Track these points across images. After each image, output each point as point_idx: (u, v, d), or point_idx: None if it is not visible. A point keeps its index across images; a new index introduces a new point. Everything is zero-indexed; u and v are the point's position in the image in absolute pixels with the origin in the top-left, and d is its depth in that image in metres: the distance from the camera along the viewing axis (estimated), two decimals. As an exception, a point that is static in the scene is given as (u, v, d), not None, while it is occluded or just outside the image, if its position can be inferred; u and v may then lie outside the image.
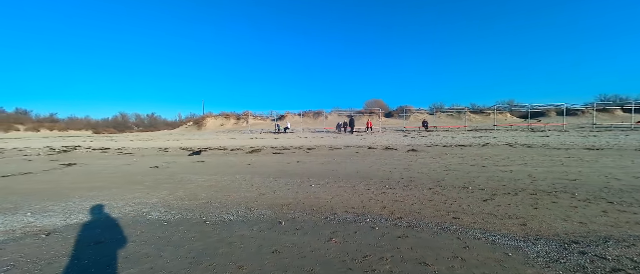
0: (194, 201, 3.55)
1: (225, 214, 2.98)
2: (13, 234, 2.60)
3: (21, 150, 13.02)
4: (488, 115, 32.22)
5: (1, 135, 31.79)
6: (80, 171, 6.25)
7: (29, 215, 3.17)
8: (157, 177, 5.26)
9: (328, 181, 4.44)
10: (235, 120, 34.78)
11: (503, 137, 12.99)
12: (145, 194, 3.99)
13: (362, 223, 2.56)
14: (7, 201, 3.80)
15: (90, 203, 3.55)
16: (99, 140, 20.25)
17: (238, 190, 4.04)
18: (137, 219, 2.89)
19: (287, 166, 6.12)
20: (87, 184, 4.77)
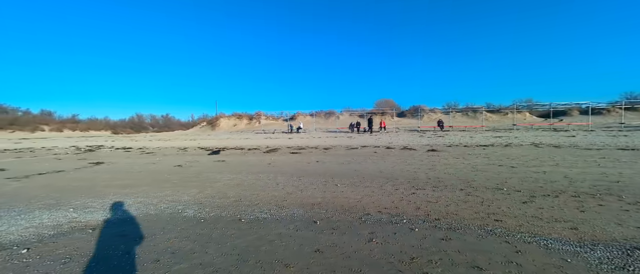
0: (224, 199, 3.60)
1: (258, 212, 3.00)
2: (61, 228, 2.72)
3: (50, 149, 13.71)
4: (505, 114, 31.15)
5: (28, 135, 33.59)
6: (108, 170, 6.49)
7: (71, 210, 3.31)
8: (182, 175, 5.39)
9: (353, 181, 4.40)
10: (247, 120, 35.30)
11: (525, 136, 12.52)
12: (175, 191, 4.09)
13: (399, 223, 2.51)
14: (48, 197, 3.99)
15: (126, 200, 3.67)
16: (119, 140, 21.04)
17: (264, 189, 4.07)
18: (174, 216, 2.97)
19: (307, 166, 6.13)
20: (118, 181, 4.95)
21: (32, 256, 2.12)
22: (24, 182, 5.12)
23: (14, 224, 2.85)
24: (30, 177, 5.62)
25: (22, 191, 4.39)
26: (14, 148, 14.39)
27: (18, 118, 37.58)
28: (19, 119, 37.41)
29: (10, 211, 3.32)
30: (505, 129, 19.41)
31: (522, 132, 15.34)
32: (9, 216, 3.12)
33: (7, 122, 35.15)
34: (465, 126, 22.69)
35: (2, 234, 2.58)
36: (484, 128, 20.79)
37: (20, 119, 37.32)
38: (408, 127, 26.40)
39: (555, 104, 23.77)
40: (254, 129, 29.93)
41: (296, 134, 20.24)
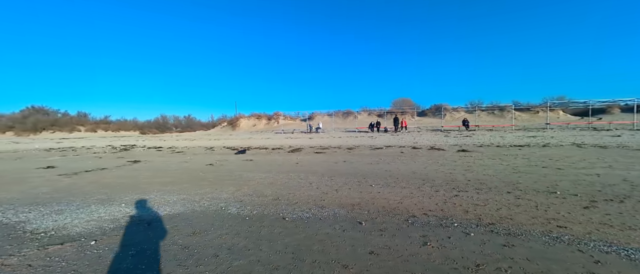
0: (262, 197, 3.66)
1: (299, 211, 3.02)
2: (119, 222, 2.89)
3: (89, 148, 14.77)
4: (536, 112, 29.24)
5: (67, 135, 36.38)
6: (146, 168, 6.86)
7: (123, 205, 3.52)
8: (217, 174, 5.57)
9: (387, 182, 4.31)
10: (266, 120, 35.95)
11: (562, 136, 11.67)
12: (213, 189, 4.22)
13: (450, 227, 2.41)
14: (99, 192, 4.28)
15: (170, 197, 3.84)
16: (149, 139, 22.24)
17: (298, 188, 4.10)
18: (219, 213, 3.06)
19: (335, 165, 6.11)
20: (158, 179, 5.21)
21: (100, 247, 2.27)
22: (74, 179, 5.53)
23: (76, 218, 3.08)
24: (79, 174, 6.07)
25: (74, 187, 4.74)
26: (58, 147, 15.66)
27: (58, 119, 40.42)
28: (58, 120, 40.27)
29: (70, 205, 3.59)
30: (538, 128, 18.22)
31: (558, 132, 14.32)
32: (69, 210, 3.38)
33: (49, 123, 38.19)
34: (493, 125, 21.57)
35: (69, 227, 2.79)
36: (514, 127, 19.65)
37: (60, 121, 40.15)
38: (430, 126, 25.58)
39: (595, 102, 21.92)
40: (273, 129, 30.43)
41: (315, 134, 20.30)
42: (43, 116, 39.46)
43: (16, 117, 37.82)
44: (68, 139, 26.87)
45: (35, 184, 5.03)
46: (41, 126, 37.25)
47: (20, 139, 30.30)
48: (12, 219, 3.11)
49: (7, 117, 37.90)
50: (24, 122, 36.45)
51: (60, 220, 3.03)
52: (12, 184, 5.06)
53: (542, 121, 26.56)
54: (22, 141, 26.50)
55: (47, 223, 2.93)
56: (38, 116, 38.66)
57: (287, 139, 15.85)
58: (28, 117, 37.32)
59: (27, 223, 2.98)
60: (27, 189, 4.62)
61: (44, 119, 38.61)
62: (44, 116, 39.62)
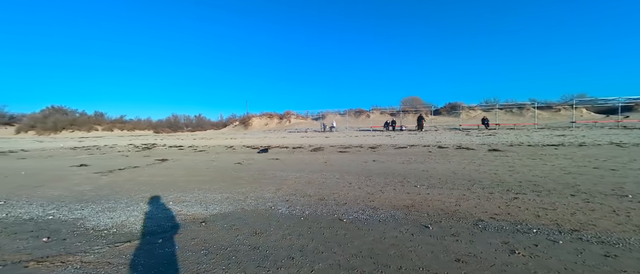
0: (307, 197, 3.59)
1: (353, 212, 2.93)
2: (174, 220, 2.88)
3: (112, 147, 15.16)
4: (557, 110, 28.17)
5: (85, 134, 37.51)
6: (176, 166, 6.93)
7: (171, 203, 3.52)
8: (249, 173, 5.55)
9: (430, 182, 4.17)
10: (278, 119, 36.15)
11: (594, 135, 11.13)
12: (253, 188, 4.19)
13: (529, 233, 2.26)
14: (140, 190, 4.32)
15: (214, 195, 3.82)
16: (166, 138, 22.69)
17: (339, 188, 4.01)
18: (271, 213, 3.00)
19: (366, 165, 5.99)
20: (194, 177, 5.23)
21: (169, 246, 2.24)
22: (112, 177, 5.63)
23: (131, 215, 3.09)
24: (114, 172, 6.18)
25: (114, 185, 4.81)
26: (82, 146, 16.14)
27: (76, 119, 41.36)
28: (77, 119, 41.21)
29: (118, 203, 3.62)
30: (563, 126, 17.49)
31: (587, 131, 13.69)
32: (120, 208, 3.41)
33: (68, 123, 39.28)
34: (514, 124, 20.89)
35: (128, 224, 2.80)
36: (536, 126, 18.96)
37: (78, 120, 41.11)
38: (446, 125, 25.04)
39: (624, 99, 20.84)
40: (285, 128, 30.54)
41: (330, 133, 20.20)
42: (62, 116, 40.51)
43: (37, 116, 39.07)
44: (88, 138, 27.75)
45: (77, 182, 5.14)
46: (61, 125, 38.40)
47: (42, 138, 31.51)
48: (69, 216, 3.16)
49: (29, 117, 39.37)
50: (45, 121, 37.66)
51: (116, 217, 3.05)
52: (55, 182, 5.20)
53: (564, 119, 25.58)
54: (45, 139, 27.54)
55: (105, 220, 2.95)
56: (58, 115, 39.72)
57: (303, 138, 15.81)
58: (48, 117, 38.48)
59: (84, 220, 3.01)
60: (70, 187, 4.73)
61: (63, 118, 39.76)
62: (63, 116, 40.69)
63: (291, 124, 33.27)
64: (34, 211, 3.40)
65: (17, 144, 19.94)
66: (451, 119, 28.62)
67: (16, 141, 23.97)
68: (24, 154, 12.01)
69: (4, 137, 32.40)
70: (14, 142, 22.87)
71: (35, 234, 2.64)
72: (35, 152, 12.54)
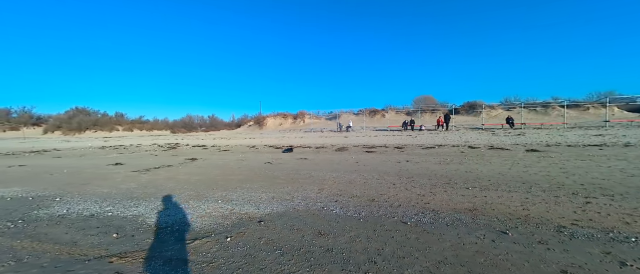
0: (355, 197, 3.50)
1: (413, 215, 2.81)
2: (230, 218, 2.87)
3: (137, 146, 15.67)
4: (585, 109, 26.74)
5: (107, 134, 38.93)
6: (208, 165, 7.02)
7: (221, 202, 3.52)
8: (283, 172, 5.52)
9: (480, 184, 3.98)
10: (292, 119, 36.30)
11: (637, 134, 10.42)
12: (295, 188, 4.14)
13: (628, 242, 2.07)
14: (184, 189, 4.36)
15: (257, 194, 3.80)
16: (186, 138, 23.25)
17: (385, 189, 3.89)
18: (325, 213, 2.93)
19: (401, 165, 5.83)
20: (231, 177, 5.26)
21: (239, 244, 2.21)
22: (150, 176, 5.75)
23: (187, 213, 3.10)
24: (151, 171, 6.33)
25: (156, 183, 4.90)
26: (109, 145, 16.78)
27: (99, 119, 42.79)
28: (99, 120, 42.64)
29: (168, 201, 3.67)
30: (595, 126, 16.53)
31: (624, 130, 12.84)
32: (172, 206, 3.44)
33: (91, 123, 40.84)
34: (541, 123, 19.97)
35: (188, 222, 2.80)
36: (566, 125, 18.02)
37: (100, 120, 42.54)
38: (465, 124, 24.28)
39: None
40: (300, 128, 30.62)
41: (347, 133, 20.03)
42: (86, 117, 41.93)
43: (63, 117, 40.90)
44: (112, 138, 28.87)
45: (119, 180, 5.28)
46: (85, 125, 39.91)
47: (68, 137, 33.06)
48: (126, 212, 3.22)
49: (55, 118, 41.30)
50: (70, 122, 39.30)
51: (172, 215, 3.08)
52: (99, 180, 5.37)
53: (593, 118, 24.24)
54: (71, 139, 28.88)
55: (163, 218, 2.98)
56: (81, 116, 41.30)
57: (322, 138, 15.75)
58: (73, 118, 40.14)
59: (143, 217, 3.05)
60: (116, 185, 4.86)
61: (87, 119, 41.22)
62: (87, 117, 42.10)
63: (305, 124, 33.29)
64: (91, 207, 3.49)
65: (47, 143, 21.02)
66: (471, 118, 27.74)
67: (45, 141, 25.29)
68: (57, 153, 12.61)
69: (33, 137, 34.30)
70: (44, 142, 24.13)
71: (103, 230, 2.69)
72: (67, 152, 13.13)
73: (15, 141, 26.31)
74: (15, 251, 2.26)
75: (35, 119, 42.17)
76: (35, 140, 27.38)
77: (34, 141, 26.34)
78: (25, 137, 32.31)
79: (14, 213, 3.34)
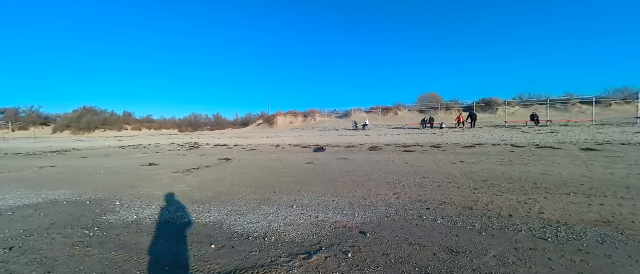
0: (445, 204, 3.18)
1: (541, 228, 2.47)
2: (324, 228, 2.58)
3: (156, 145, 15.52)
4: (608, 105, 25.96)
5: (116, 133, 38.65)
6: (247, 165, 6.77)
7: (296, 208, 3.24)
8: (335, 174, 5.23)
9: (580, 189, 3.64)
10: (302, 117, 35.99)
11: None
12: (365, 192, 3.84)
13: None
14: (242, 192, 4.10)
15: (332, 199, 3.51)
16: (201, 137, 23.10)
17: (469, 193, 3.58)
18: (428, 223, 2.62)
19: (458, 166, 5.49)
20: (283, 178, 4.99)
21: (366, 263, 1.93)
22: (194, 177, 5.51)
23: (272, 221, 2.82)
24: (192, 172, 6.10)
25: (208, 185, 4.65)
26: (128, 145, 16.65)
27: (107, 118, 42.29)
28: (108, 119, 42.14)
29: (236, 205, 3.40)
30: (626, 123, 15.91)
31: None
32: (246, 211, 3.18)
33: (100, 122, 40.41)
34: (567, 120, 19.37)
35: (282, 232, 2.53)
36: (594, 122, 17.44)
37: (109, 119, 42.10)
38: (483, 122, 23.70)
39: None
40: (311, 126, 30.28)
41: (363, 131, 19.69)
42: (94, 116, 41.41)
43: (71, 116, 40.45)
44: (123, 137, 28.85)
45: (167, 182, 5.05)
46: (94, 124, 39.36)
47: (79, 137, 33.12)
48: (202, 219, 2.97)
49: (63, 117, 40.96)
50: (79, 121, 38.92)
51: (254, 222, 2.82)
52: (146, 182, 5.14)
53: (617, 114, 23.51)
54: (83, 139, 28.91)
55: (249, 226, 2.72)
56: (90, 115, 40.79)
57: (341, 137, 15.43)
58: (82, 117, 39.65)
59: (225, 224, 2.80)
60: (167, 187, 4.62)
61: (95, 118, 40.63)
62: (95, 116, 41.54)
63: (316, 123, 32.95)
64: (159, 212, 3.25)
65: (62, 143, 21.03)
66: (487, 115, 27.16)
67: (58, 140, 25.33)
68: (79, 153, 12.49)
69: (44, 136, 34.46)
70: (57, 141, 24.17)
71: (193, 240, 2.44)
72: (88, 151, 13.02)
73: (27, 140, 26.47)
74: (118, 264, 2.00)
75: (43, 118, 41.85)
76: (46, 139, 27.49)
77: (46, 140, 26.46)
78: (36, 137, 32.53)
79: (81, 218, 3.11)
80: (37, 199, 4.07)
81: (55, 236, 2.59)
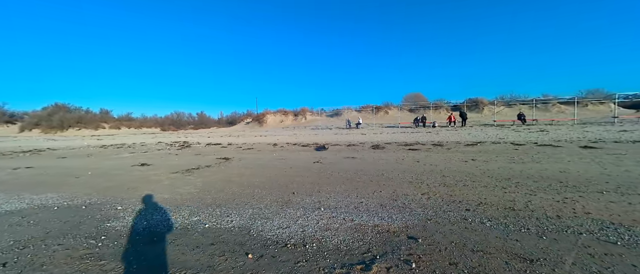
0: (483, 205, 3.04)
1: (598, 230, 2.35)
2: (367, 233, 2.34)
3: (143, 144, 14.62)
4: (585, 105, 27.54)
5: (92, 132, 36.07)
6: (251, 165, 6.39)
7: (325, 210, 3.00)
8: (350, 173, 5.01)
9: (607, 187, 3.63)
10: (293, 116, 35.47)
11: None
12: (391, 192, 3.65)
13: None
14: (258, 193, 3.79)
15: (358, 200, 3.29)
16: (189, 136, 22.13)
17: (500, 193, 3.48)
18: (478, 227, 2.45)
19: (472, 165, 5.43)
20: (295, 178, 4.70)
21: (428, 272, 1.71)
22: (197, 178, 5.10)
23: (304, 226, 2.55)
24: (193, 173, 5.66)
25: (215, 186, 4.29)
26: (110, 144, 15.57)
27: (82, 116, 39.15)
28: (83, 117, 39.06)
29: (257, 208, 3.10)
30: (605, 122, 16.85)
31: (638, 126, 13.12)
32: (274, 216, 2.88)
33: (74, 121, 37.38)
34: (552, 119, 20.30)
35: (322, 239, 2.27)
36: (576, 121, 18.37)
37: (85, 118, 39.08)
38: (471, 121, 24.36)
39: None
40: (303, 125, 29.89)
41: (357, 130, 19.62)
42: (67, 113, 38.29)
43: (41, 114, 37.25)
44: (103, 136, 27.10)
45: (168, 184, 4.62)
46: (67, 123, 36.47)
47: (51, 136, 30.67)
48: (223, 224, 2.65)
49: (32, 115, 37.56)
50: (50, 119, 35.97)
51: (283, 226, 2.55)
52: (145, 184, 4.68)
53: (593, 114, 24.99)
54: (56, 138, 26.81)
55: (277, 231, 2.46)
56: (62, 113, 37.69)
57: (337, 135, 15.24)
58: (53, 115, 36.62)
59: (253, 230, 2.50)
60: (172, 189, 4.21)
61: (69, 116, 37.67)
62: (68, 113, 38.43)
63: (307, 121, 32.60)
64: (171, 217, 2.88)
65: (33, 142, 19.40)
66: (474, 115, 27.95)
67: (26, 140, 23.30)
68: (57, 153, 11.49)
69: (9, 135, 31.63)
70: (25, 140, 22.26)
71: (226, 249, 2.14)
72: (66, 151, 12.02)
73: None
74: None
75: (8, 116, 37.99)
76: (13, 139, 25.22)
77: (13, 139, 24.30)
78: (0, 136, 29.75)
79: (81, 226, 2.68)
80: (21, 204, 3.53)
81: (56, 247, 2.18)
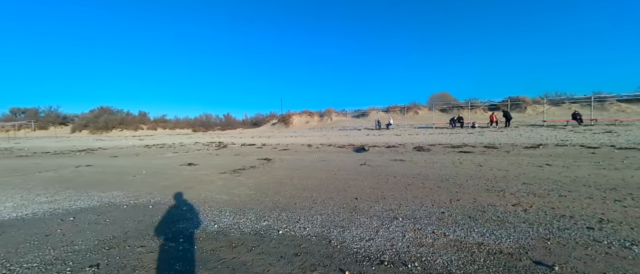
0: (606, 223, 2.51)
1: None
2: (469, 250, 1.96)
3: (182, 145, 15.31)
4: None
5: (133, 133, 38.66)
6: (294, 167, 6.26)
7: (402, 220, 2.65)
8: (407, 178, 4.62)
9: None
10: (318, 117, 35.41)
11: None
12: (470, 200, 3.21)
13: None
14: (317, 197, 3.55)
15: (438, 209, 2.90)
16: (223, 137, 22.93)
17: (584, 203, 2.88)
18: (603, 246, 1.96)
19: (549, 171, 4.74)
20: (350, 182, 4.42)
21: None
22: (246, 179, 5.03)
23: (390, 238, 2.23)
24: (241, 173, 5.64)
25: (269, 188, 4.14)
26: (153, 144, 16.53)
27: (124, 118, 42.41)
28: (124, 119, 42.24)
29: (323, 215, 2.84)
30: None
31: None
32: (351, 224, 2.60)
33: (117, 122, 40.43)
34: (615, 119, 17.97)
35: (417, 255, 1.92)
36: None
37: (126, 119, 42.23)
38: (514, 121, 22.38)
39: None
40: (330, 126, 29.65)
41: (387, 131, 18.90)
42: (111, 115, 41.56)
43: (89, 116, 40.84)
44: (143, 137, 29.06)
45: (221, 184, 4.58)
46: (111, 124, 39.43)
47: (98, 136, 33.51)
48: (297, 231, 2.43)
49: (81, 117, 41.41)
50: (97, 121, 39.22)
51: (365, 238, 2.27)
52: (199, 184, 4.69)
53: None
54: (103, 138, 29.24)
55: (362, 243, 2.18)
56: (107, 115, 41.05)
57: (369, 136, 14.73)
58: (99, 117, 39.96)
59: (330, 239, 2.24)
60: (227, 190, 4.14)
61: (112, 118, 40.76)
62: (112, 115, 41.69)
63: (333, 122, 32.29)
64: (241, 221, 2.74)
65: (85, 142, 21.26)
66: (516, 115, 25.59)
67: (78, 140, 25.65)
68: (108, 152, 12.36)
69: (64, 135, 35.16)
70: (78, 140, 24.47)
71: (314, 262, 1.91)
72: (116, 151, 12.89)
73: (49, 139, 27.04)
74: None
75: (61, 118, 42.59)
76: (67, 139, 27.94)
77: (67, 139, 26.91)
78: (57, 136, 33.21)
79: (156, 227, 2.61)
80: (92, 202, 3.65)
81: (140, 249, 2.10)
